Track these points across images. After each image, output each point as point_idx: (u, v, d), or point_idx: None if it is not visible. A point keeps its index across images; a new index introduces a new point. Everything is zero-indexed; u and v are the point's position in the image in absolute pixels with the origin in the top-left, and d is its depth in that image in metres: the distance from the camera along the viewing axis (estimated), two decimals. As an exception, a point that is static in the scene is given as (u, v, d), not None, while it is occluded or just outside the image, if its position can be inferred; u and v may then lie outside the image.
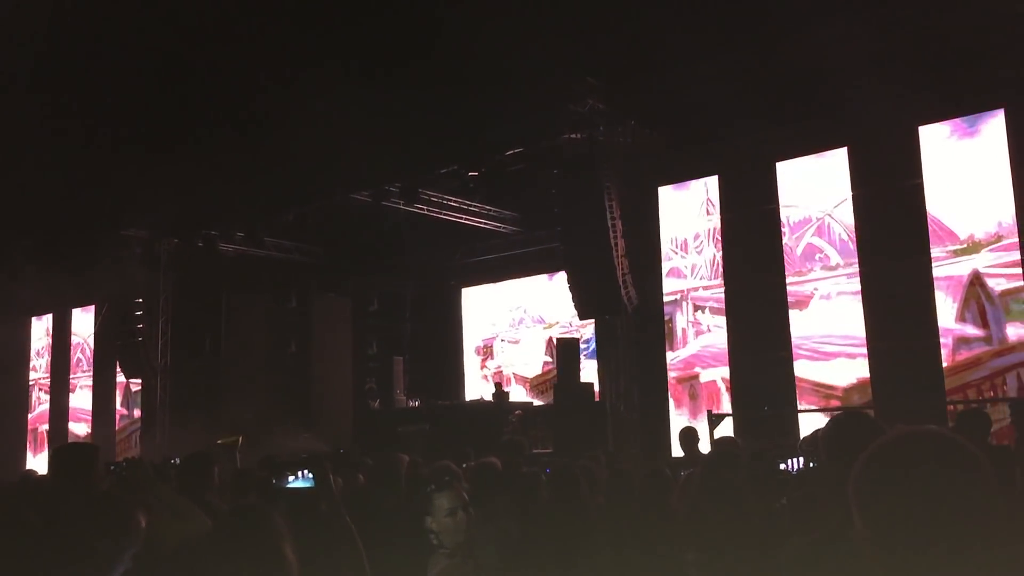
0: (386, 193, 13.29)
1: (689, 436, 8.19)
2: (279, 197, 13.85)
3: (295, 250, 16.70)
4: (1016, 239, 10.09)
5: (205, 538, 2.27)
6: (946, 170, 10.56)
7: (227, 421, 13.05)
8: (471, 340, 17.72)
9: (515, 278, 17.00)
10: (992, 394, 10.05)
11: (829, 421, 2.87)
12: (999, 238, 10.28)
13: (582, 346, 15.37)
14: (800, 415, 11.16)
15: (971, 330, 10.39)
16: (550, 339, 16.23)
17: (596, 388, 12.92)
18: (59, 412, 19.55)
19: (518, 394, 16.09)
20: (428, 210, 13.96)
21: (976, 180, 10.40)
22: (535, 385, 16.31)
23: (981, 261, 10.37)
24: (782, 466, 3.41)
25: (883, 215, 10.88)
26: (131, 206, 14.20)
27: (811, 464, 3.22)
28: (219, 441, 8.88)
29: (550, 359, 15.96)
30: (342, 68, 10.00)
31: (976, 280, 10.38)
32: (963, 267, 10.44)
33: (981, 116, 10.38)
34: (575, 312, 15.29)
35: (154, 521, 3.41)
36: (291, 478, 3.15)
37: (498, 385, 15.18)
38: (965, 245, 10.49)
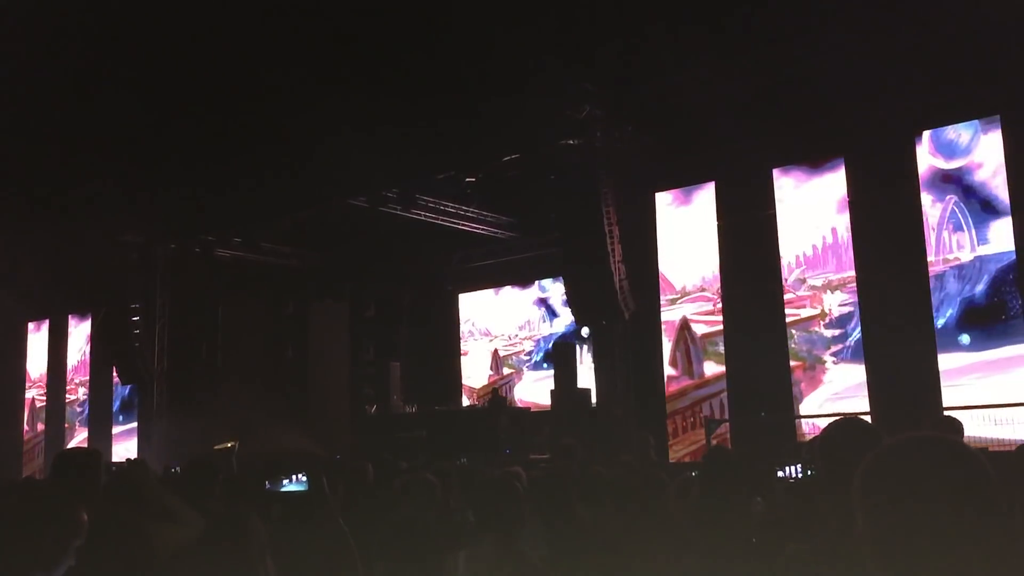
0: (383, 198, 13.28)
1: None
2: (276, 203, 13.83)
3: (292, 256, 16.68)
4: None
5: (192, 545, 2.26)
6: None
7: (223, 426, 13.01)
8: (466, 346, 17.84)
9: (511, 284, 17.10)
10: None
11: (826, 427, 2.86)
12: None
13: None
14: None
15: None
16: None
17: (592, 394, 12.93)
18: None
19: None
20: (425, 215, 13.94)
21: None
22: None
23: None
24: (780, 473, 3.39)
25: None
26: (128, 212, 14.18)
27: (809, 472, 3.21)
28: (215, 447, 8.87)
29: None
30: (340, 74, 10.01)
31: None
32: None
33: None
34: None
35: (152, 523, 3.40)
36: (285, 482, 3.15)
37: (495, 391, 15.17)
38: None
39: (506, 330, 17.11)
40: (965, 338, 10.15)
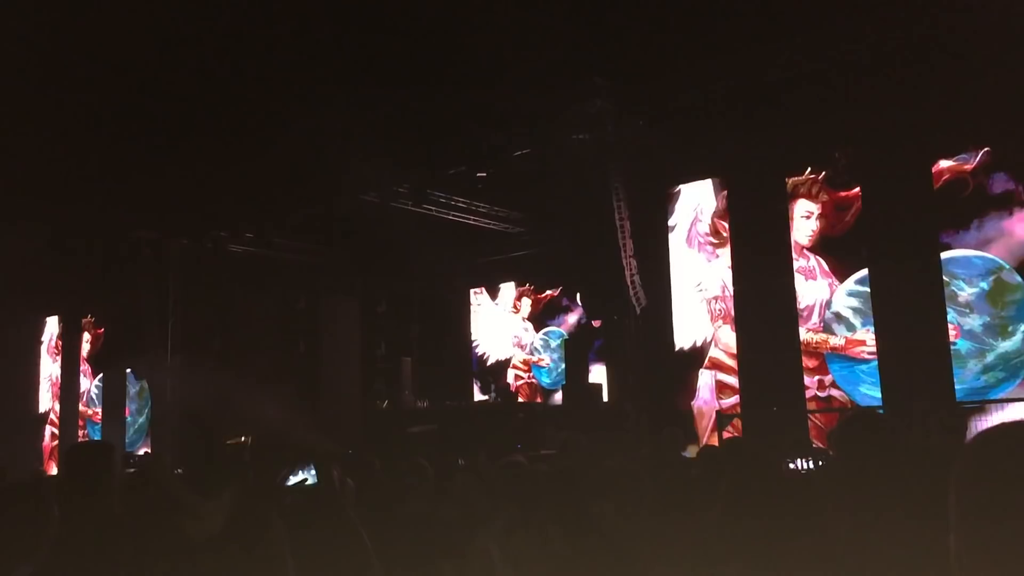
0: (394, 194, 13.27)
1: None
2: (288, 198, 13.85)
3: (304, 251, 16.70)
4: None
5: (210, 543, 2.26)
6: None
7: (236, 422, 13.05)
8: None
9: (515, 282, 17.16)
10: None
11: (841, 421, 2.84)
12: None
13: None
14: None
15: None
16: None
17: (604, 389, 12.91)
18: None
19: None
20: (436, 211, 13.93)
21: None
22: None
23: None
24: (792, 465, 3.37)
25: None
26: (140, 207, 14.22)
27: (820, 463, 3.19)
28: (227, 441, 8.89)
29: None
30: (351, 69, 10.01)
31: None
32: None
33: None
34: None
35: (170, 517, 3.40)
36: (294, 476, 3.15)
37: (506, 386, 15.16)
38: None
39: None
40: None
